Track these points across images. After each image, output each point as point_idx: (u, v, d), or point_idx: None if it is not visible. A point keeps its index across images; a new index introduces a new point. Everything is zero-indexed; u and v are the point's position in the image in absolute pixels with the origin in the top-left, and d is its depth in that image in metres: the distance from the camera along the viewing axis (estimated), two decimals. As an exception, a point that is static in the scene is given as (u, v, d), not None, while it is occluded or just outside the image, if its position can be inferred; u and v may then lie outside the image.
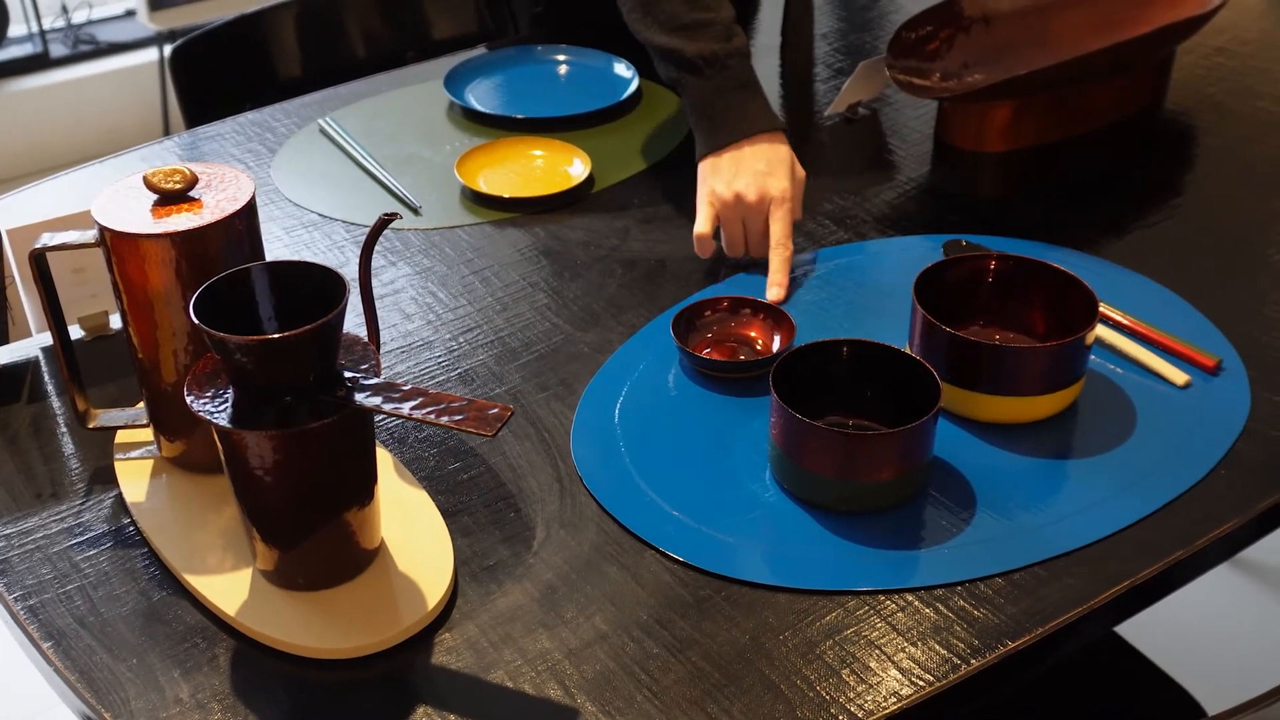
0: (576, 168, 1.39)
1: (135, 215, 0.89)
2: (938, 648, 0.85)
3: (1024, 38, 1.49)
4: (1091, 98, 1.43)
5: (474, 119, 1.51)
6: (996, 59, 1.47)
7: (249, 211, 0.91)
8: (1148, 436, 1.01)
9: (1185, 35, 1.45)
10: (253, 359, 0.79)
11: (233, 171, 0.94)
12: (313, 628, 0.86)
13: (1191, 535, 0.93)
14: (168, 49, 2.29)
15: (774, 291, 1.18)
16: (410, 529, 0.93)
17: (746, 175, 1.20)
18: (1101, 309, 1.11)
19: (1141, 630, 1.30)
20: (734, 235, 1.22)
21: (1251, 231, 1.27)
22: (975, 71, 1.46)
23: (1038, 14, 1.51)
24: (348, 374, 0.83)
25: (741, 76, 1.25)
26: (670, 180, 1.38)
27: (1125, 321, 1.12)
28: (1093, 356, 1.09)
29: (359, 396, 0.81)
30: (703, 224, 1.21)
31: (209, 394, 0.83)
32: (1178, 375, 1.06)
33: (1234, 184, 1.35)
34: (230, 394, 0.82)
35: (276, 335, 0.78)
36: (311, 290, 0.84)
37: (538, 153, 1.42)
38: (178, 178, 0.91)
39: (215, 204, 0.91)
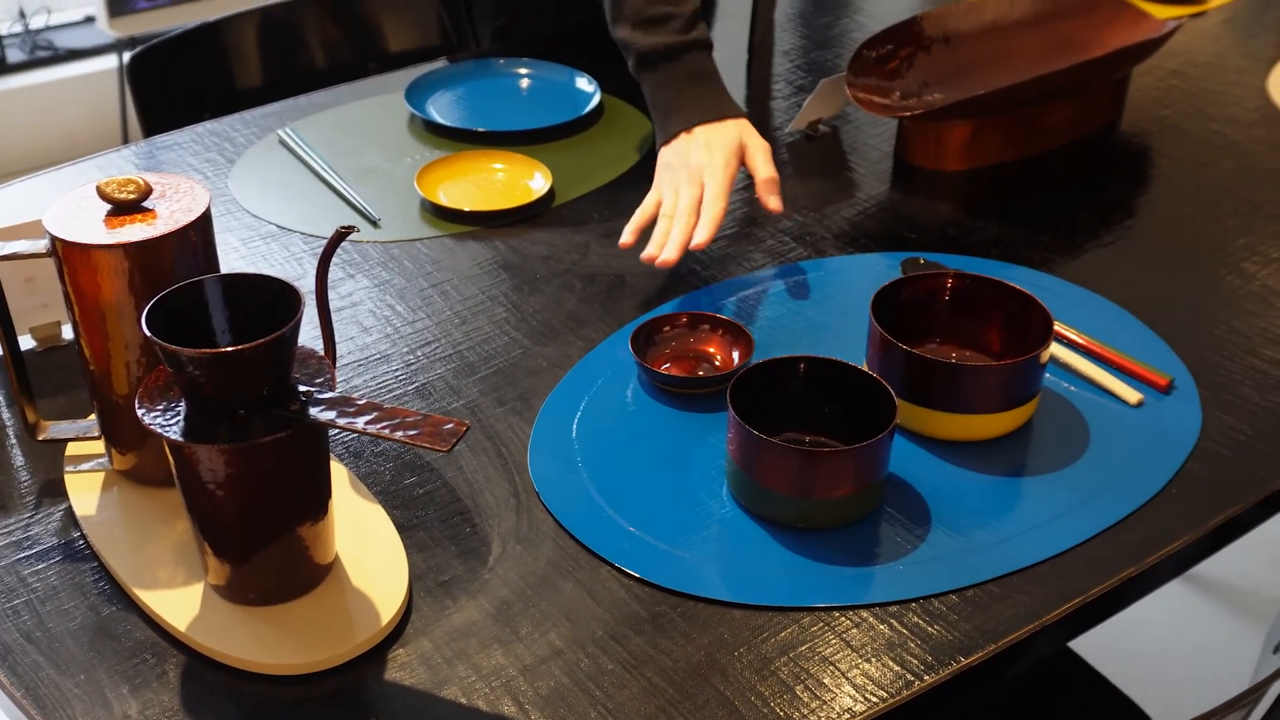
0: (537, 182, 1.39)
1: (88, 225, 0.88)
2: (892, 664, 0.85)
3: (984, 58, 1.51)
4: (1049, 118, 1.45)
5: (435, 131, 1.50)
6: (956, 79, 1.48)
7: (204, 223, 0.91)
8: (1101, 454, 1.02)
9: (1141, 58, 1.47)
10: (206, 372, 0.78)
11: (188, 182, 0.94)
12: (265, 643, 0.85)
13: (1143, 552, 0.94)
14: (127, 56, 2.27)
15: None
16: (365, 544, 0.93)
17: (683, 157, 1.24)
18: (1056, 328, 1.12)
19: (1094, 646, 1.31)
20: (664, 197, 1.22)
21: (1204, 252, 1.28)
22: (935, 91, 1.47)
23: (997, 35, 1.53)
24: (302, 388, 0.82)
25: (695, 68, 1.28)
26: (631, 195, 1.38)
27: (1080, 340, 1.13)
28: (1047, 375, 1.10)
29: (313, 411, 0.80)
30: (642, 207, 1.22)
31: (161, 407, 0.82)
32: (1131, 394, 1.07)
33: (1187, 205, 1.37)
34: (182, 407, 0.82)
35: (230, 348, 0.78)
36: (266, 303, 0.83)
37: (498, 166, 1.42)
38: (131, 188, 0.90)
39: (169, 215, 0.90)
